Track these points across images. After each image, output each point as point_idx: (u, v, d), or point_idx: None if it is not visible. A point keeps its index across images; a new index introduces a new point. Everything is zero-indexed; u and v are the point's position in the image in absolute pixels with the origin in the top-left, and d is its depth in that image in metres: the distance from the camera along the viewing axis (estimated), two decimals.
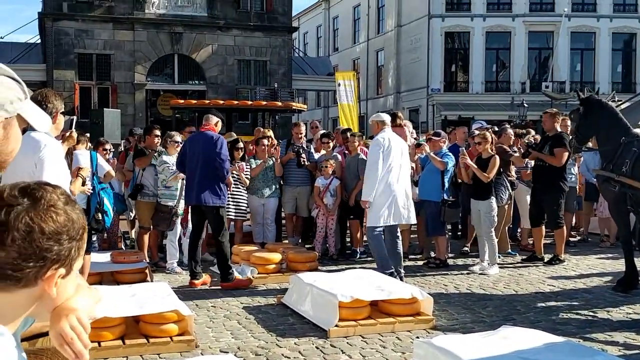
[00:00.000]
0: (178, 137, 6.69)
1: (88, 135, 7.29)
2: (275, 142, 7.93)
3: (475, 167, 6.46)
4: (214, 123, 5.85)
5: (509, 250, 7.42)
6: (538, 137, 7.66)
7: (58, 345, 1.04)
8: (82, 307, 1.06)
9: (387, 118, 6.04)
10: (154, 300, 4.16)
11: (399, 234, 5.90)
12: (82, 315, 1.05)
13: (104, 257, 6.09)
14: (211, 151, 5.61)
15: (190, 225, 6.46)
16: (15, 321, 0.98)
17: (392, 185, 5.68)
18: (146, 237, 6.63)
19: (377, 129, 5.94)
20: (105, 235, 6.99)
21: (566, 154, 6.70)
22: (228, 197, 6.13)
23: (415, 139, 8.52)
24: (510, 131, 7.87)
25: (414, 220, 6.13)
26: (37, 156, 3.00)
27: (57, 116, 3.15)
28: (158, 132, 6.90)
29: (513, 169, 7.44)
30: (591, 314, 4.94)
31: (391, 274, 5.48)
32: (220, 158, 5.61)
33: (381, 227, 5.72)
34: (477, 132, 7.34)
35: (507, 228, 7.47)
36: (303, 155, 7.34)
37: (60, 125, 3.21)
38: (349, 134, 7.89)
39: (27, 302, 0.97)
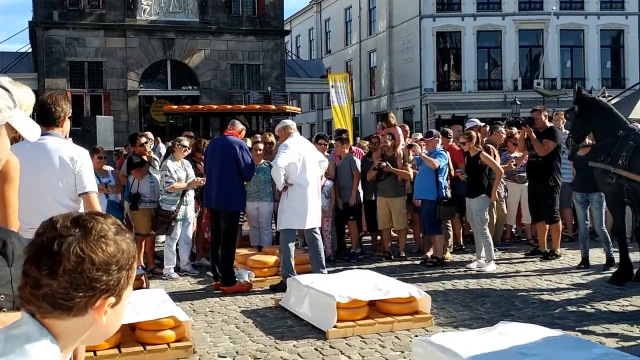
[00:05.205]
0: (186, 142, 6.59)
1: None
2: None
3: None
4: (239, 130, 5.85)
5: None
6: (514, 131, 7.79)
7: None
8: None
9: (291, 123, 5.95)
10: (150, 306, 4.11)
11: (318, 235, 5.72)
12: None
13: None
14: (231, 155, 5.61)
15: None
16: (68, 348, 1.00)
17: (304, 190, 5.57)
18: (142, 244, 6.59)
19: (284, 135, 5.79)
20: None
21: (552, 144, 6.74)
22: None
23: (410, 138, 8.56)
24: (502, 130, 7.92)
25: (318, 224, 5.82)
26: (76, 168, 3.07)
27: (64, 120, 3.20)
28: (143, 140, 6.73)
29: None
30: (588, 307, 4.96)
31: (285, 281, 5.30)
32: (241, 162, 5.59)
33: (295, 232, 5.68)
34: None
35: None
36: None
37: (66, 129, 3.25)
38: (333, 141, 7.93)
39: (79, 329, 1.00)
